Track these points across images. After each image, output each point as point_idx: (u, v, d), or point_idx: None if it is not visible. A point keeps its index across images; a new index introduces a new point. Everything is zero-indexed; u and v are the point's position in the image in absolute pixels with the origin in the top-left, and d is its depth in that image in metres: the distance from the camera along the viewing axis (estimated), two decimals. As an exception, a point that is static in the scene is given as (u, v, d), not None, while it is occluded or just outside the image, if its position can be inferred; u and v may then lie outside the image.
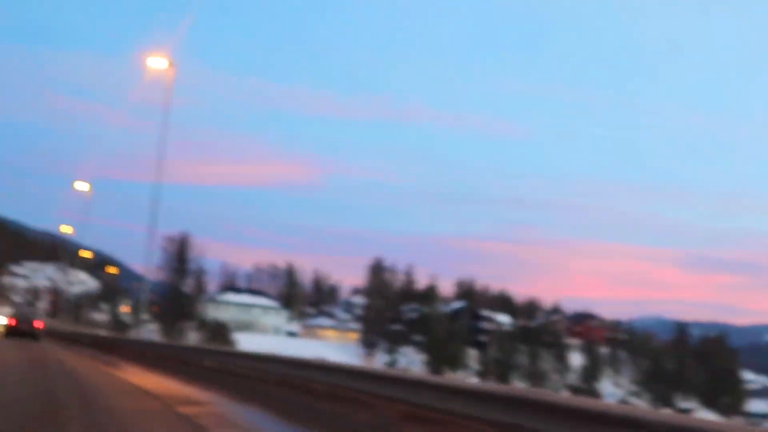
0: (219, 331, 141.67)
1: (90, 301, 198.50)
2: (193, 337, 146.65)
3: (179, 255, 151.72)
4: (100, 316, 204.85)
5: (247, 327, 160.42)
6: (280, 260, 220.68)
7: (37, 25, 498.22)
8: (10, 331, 45.70)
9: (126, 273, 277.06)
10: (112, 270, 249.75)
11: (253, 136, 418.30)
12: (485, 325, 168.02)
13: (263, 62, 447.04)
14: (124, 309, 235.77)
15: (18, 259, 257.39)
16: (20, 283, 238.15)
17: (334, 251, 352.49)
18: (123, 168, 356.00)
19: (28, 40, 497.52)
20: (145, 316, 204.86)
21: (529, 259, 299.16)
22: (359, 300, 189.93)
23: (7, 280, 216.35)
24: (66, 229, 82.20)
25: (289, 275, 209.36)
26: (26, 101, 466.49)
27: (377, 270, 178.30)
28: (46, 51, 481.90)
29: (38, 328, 47.64)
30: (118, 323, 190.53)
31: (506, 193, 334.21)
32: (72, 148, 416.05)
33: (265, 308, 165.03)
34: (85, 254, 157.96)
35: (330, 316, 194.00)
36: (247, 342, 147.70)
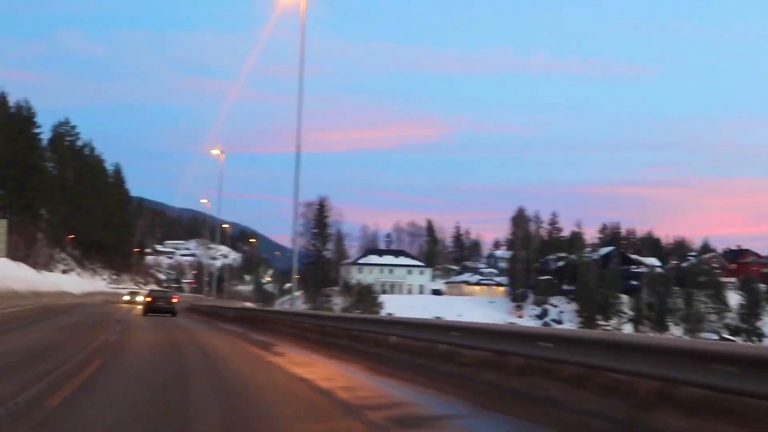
0: (365, 295, 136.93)
1: (232, 273, 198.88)
2: (338, 303, 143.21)
3: (319, 220, 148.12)
4: (244, 287, 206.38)
5: (391, 288, 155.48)
6: (419, 220, 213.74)
7: (162, 9, 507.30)
8: (149, 308, 46.72)
9: (265, 243, 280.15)
10: (251, 241, 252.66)
11: (381, 100, 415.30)
12: (635, 269, 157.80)
13: (386, 25, 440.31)
14: (267, 279, 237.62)
15: (161, 237, 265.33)
16: (164, 260, 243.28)
17: (470, 208, 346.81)
18: (256, 142, 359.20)
19: (154, 25, 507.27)
20: (288, 284, 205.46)
21: (667, 200, 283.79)
22: (502, 253, 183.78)
23: (152, 258, 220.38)
24: (204, 202, 78.70)
25: (430, 233, 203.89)
26: (158, 84, 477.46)
27: (520, 220, 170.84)
28: (174, 34, 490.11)
29: (175, 304, 49.42)
30: (262, 293, 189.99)
31: (638, 137, 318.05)
32: (206, 126, 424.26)
33: (408, 268, 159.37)
34: (225, 228, 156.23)
35: (474, 271, 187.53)
36: (393, 303, 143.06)
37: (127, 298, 74.31)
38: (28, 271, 66.87)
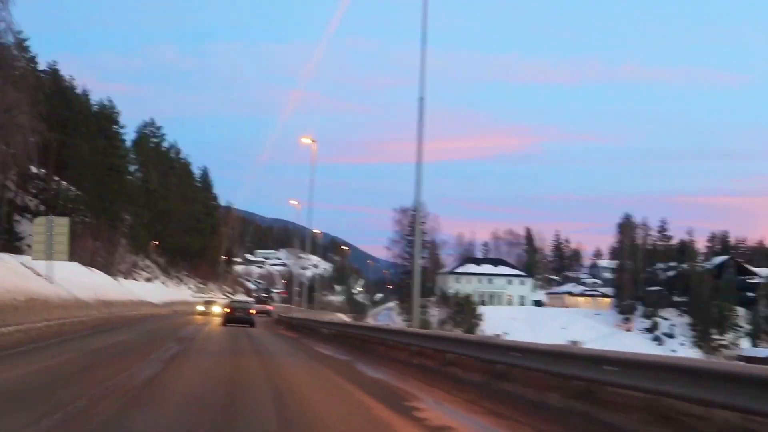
0: (463, 306, 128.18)
1: (323, 283, 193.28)
2: (435, 314, 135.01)
3: (413, 227, 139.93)
4: (334, 297, 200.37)
5: (490, 299, 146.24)
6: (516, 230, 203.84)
7: (252, 22, 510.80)
8: (228, 319, 46.72)
9: (356, 254, 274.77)
10: (343, 249, 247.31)
11: (471, 109, 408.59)
12: (750, 279, 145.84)
13: (474, 35, 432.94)
14: (359, 289, 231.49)
15: (251, 247, 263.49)
16: (254, 269, 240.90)
17: (564, 218, 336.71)
18: (346, 152, 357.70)
19: (245, 37, 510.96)
20: (379, 294, 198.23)
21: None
22: (606, 263, 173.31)
23: (242, 267, 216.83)
24: (294, 203, 71.62)
25: (528, 241, 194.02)
26: (248, 95, 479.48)
27: (627, 228, 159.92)
28: (264, 46, 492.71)
29: (253, 315, 49.08)
30: (354, 304, 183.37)
31: (733, 145, 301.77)
32: (293, 137, 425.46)
33: (508, 277, 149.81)
34: (317, 233, 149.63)
35: (576, 281, 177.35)
36: (493, 315, 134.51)
37: (201, 308, 65.10)
38: (102, 278, 60.34)
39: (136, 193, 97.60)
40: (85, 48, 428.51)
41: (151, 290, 77.40)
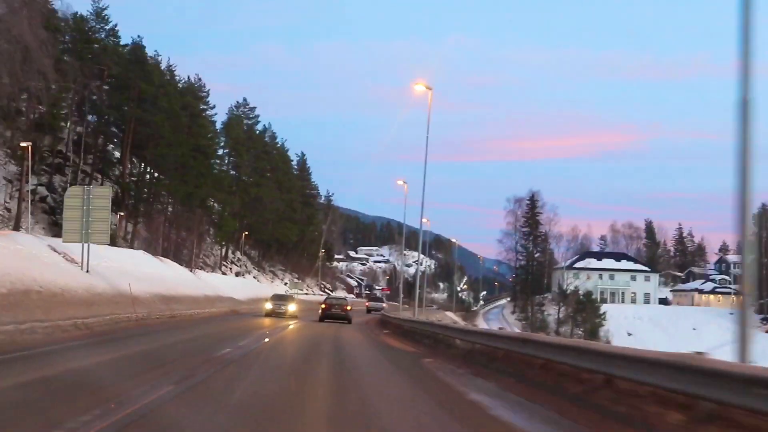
0: (584, 304, 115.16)
1: (427, 280, 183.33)
2: (551, 313, 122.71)
3: (529, 218, 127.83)
4: (437, 295, 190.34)
5: (611, 296, 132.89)
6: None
7: (356, 21, 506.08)
8: (324, 315, 46.30)
9: (459, 252, 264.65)
10: (452, 242, 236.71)
11: (571, 106, 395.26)
12: None
13: (572, 31, 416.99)
14: (463, 287, 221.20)
15: (354, 244, 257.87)
16: (357, 266, 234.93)
17: (680, 216, 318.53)
18: (451, 151, 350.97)
19: (349, 36, 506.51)
20: (483, 292, 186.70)
21: None
22: (735, 258, 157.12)
23: (344, 264, 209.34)
24: (400, 183, 61.33)
25: (649, 235, 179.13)
26: (352, 94, 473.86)
27: (763, 219, 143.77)
28: (368, 43, 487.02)
29: (349, 311, 48.16)
30: (458, 302, 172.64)
31: None
32: (401, 136, 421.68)
33: (631, 273, 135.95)
34: (425, 222, 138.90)
35: (704, 278, 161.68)
36: (617, 314, 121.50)
37: (269, 306, 45.84)
38: (172, 270, 51.14)
39: (225, 179, 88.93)
40: (193, 48, 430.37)
41: (237, 285, 68.05)
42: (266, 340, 24.17)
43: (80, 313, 24.72)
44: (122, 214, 70.45)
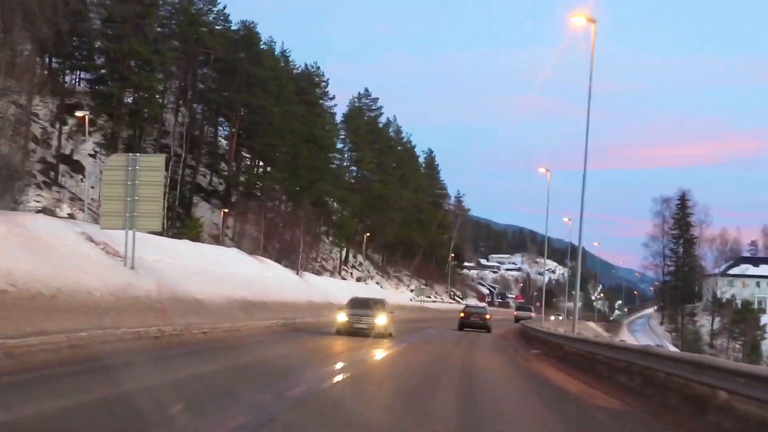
0: (743, 314, 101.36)
1: (560, 289, 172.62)
2: (704, 324, 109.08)
3: (680, 219, 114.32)
4: (569, 304, 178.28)
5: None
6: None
7: (485, 29, 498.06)
8: (463, 323, 45.61)
9: (593, 260, 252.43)
10: (596, 245, 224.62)
11: (696, 113, 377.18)
12: None
13: (690, 37, 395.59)
14: (598, 296, 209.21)
15: (486, 252, 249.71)
16: (488, 274, 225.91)
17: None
18: (572, 158, 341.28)
19: (477, 45, 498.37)
20: (618, 301, 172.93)
21: None
22: None
23: (475, 272, 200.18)
24: (542, 171, 51.04)
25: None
26: (481, 101, 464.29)
27: None
28: (497, 52, 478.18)
29: (488, 320, 46.80)
30: (593, 312, 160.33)
31: None
32: (525, 142, 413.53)
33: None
34: (567, 221, 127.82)
35: None
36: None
37: (343, 318, 27.95)
38: (272, 271, 42.55)
39: (344, 174, 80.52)
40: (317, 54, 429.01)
41: (355, 291, 59.04)
42: (345, 373, 14.69)
43: (78, 324, 15.92)
44: (226, 210, 62.76)
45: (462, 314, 47.80)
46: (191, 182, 66.31)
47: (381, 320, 27.50)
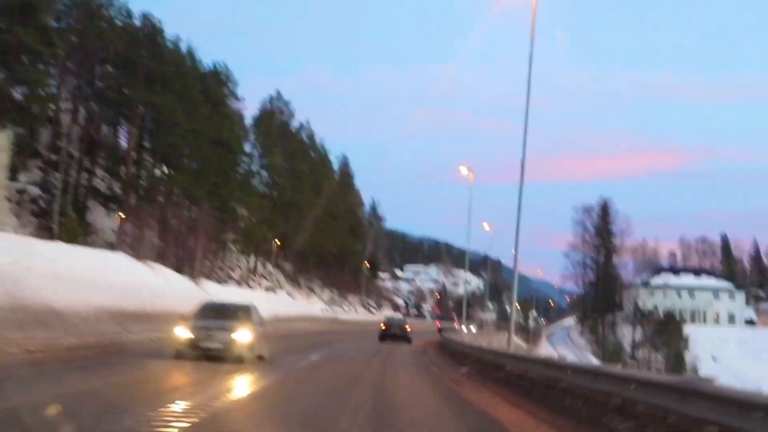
0: (665, 325, 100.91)
1: (475, 300, 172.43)
2: (626, 335, 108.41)
3: (601, 228, 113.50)
4: (486, 315, 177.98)
5: (691, 316, 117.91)
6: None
7: (400, 46, 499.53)
8: (383, 335, 47.02)
9: (507, 272, 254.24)
10: (494, 268, 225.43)
11: (611, 127, 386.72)
12: None
13: (624, 52, 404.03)
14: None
15: (401, 263, 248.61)
16: (404, 286, 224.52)
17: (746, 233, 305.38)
18: (491, 171, 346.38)
19: (394, 60, 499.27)
20: (533, 312, 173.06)
21: None
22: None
23: (390, 283, 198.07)
24: (464, 170, 49.10)
25: (725, 251, 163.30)
26: (395, 116, 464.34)
27: None
28: (411, 67, 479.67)
29: (409, 332, 48.52)
30: (507, 321, 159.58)
31: None
32: (443, 157, 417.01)
33: (713, 291, 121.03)
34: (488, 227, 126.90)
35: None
36: (701, 337, 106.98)
37: (185, 334, 19.01)
38: (164, 279, 38.80)
39: (253, 179, 76.73)
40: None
41: (260, 301, 55.39)
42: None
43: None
44: (122, 215, 58.44)
45: (383, 326, 49.43)
46: (88, 186, 61.87)
47: (243, 336, 19.33)
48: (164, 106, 60.31)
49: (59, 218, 52.59)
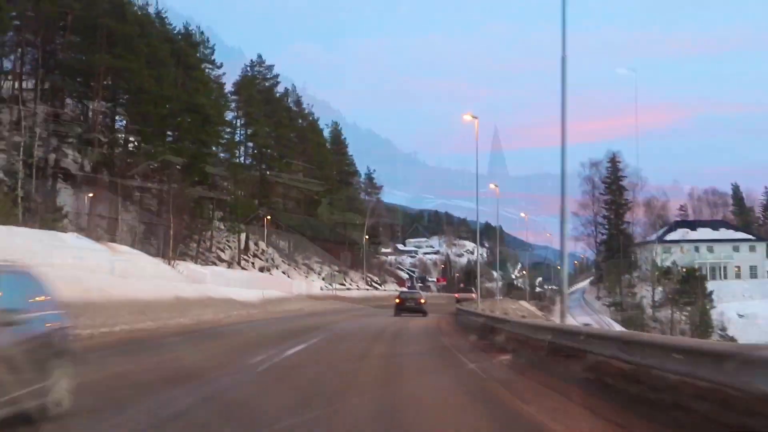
0: (688, 282, 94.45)
1: (482, 269, 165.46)
2: (645, 294, 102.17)
3: (611, 183, 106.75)
4: (491, 284, 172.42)
5: (711, 271, 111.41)
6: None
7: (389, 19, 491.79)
8: (399, 308, 46.59)
9: (510, 240, 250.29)
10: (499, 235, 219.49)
11: (610, 87, 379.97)
12: None
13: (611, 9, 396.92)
14: (517, 274, 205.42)
15: (402, 237, 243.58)
16: (406, 259, 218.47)
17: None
18: (493, 139, 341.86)
19: (380, 33, 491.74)
20: (539, 278, 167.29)
21: None
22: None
23: (393, 257, 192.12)
24: (467, 117, 42.67)
25: (737, 201, 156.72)
26: (386, 89, 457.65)
27: None
28: (403, 39, 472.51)
29: (424, 304, 48.48)
30: (516, 289, 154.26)
31: None
32: (443, 126, 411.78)
33: (734, 243, 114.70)
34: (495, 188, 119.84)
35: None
36: (724, 292, 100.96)
37: None
38: (128, 262, 32.31)
39: (237, 149, 70.05)
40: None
41: (248, 281, 49.01)
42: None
43: None
44: (92, 195, 51.92)
45: (398, 300, 49.40)
46: (54, 166, 55.37)
47: None
48: (129, 70, 53.65)
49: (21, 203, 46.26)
